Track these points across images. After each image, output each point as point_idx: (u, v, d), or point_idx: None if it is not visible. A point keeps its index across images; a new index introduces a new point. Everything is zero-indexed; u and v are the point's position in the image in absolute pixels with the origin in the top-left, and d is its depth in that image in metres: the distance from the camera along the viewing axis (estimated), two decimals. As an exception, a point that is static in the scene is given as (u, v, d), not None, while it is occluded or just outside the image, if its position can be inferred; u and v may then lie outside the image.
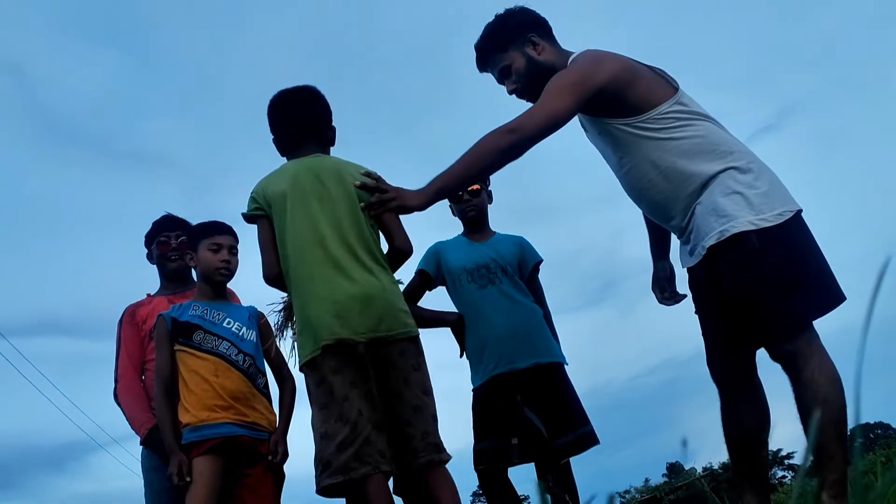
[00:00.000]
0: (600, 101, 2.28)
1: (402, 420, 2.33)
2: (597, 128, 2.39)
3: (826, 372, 2.06)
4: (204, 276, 2.93)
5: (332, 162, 2.61)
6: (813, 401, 2.02)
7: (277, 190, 2.51)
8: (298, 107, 2.69)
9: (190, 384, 2.74)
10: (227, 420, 2.69)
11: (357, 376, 2.30)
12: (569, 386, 3.16)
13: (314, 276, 2.40)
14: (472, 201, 3.35)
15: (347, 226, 2.46)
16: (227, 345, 2.80)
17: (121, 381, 3.09)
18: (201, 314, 2.85)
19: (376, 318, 2.35)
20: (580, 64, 2.34)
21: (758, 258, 2.13)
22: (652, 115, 2.27)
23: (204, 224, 2.98)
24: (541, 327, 3.21)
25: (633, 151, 2.31)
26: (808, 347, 2.08)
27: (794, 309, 2.12)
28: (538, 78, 2.41)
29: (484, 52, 2.56)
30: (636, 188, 2.38)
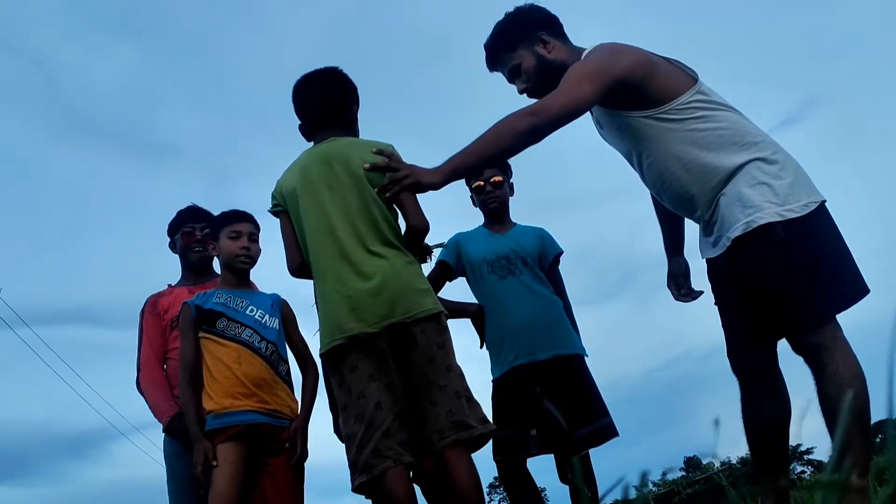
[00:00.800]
0: (620, 93, 2.25)
1: (429, 401, 2.30)
2: (616, 122, 2.35)
3: (850, 365, 2.04)
4: (226, 264, 2.96)
5: (342, 145, 2.55)
6: (837, 394, 2.01)
7: (289, 185, 2.53)
8: (317, 90, 2.65)
9: (213, 371, 2.77)
10: (249, 408, 2.72)
11: (376, 368, 2.30)
12: (589, 378, 3.16)
13: (326, 272, 2.41)
14: (495, 192, 3.35)
15: (356, 212, 2.42)
16: (249, 332, 2.83)
17: (143, 370, 3.12)
18: (225, 301, 2.87)
19: (390, 303, 2.32)
20: (599, 54, 2.30)
21: (783, 249, 2.11)
22: (673, 105, 2.24)
23: (224, 213, 3.01)
24: (561, 319, 3.21)
25: (655, 144, 2.28)
26: (832, 340, 2.06)
27: (818, 301, 2.11)
28: (549, 77, 2.38)
29: (493, 51, 2.53)
30: (659, 182, 2.34)
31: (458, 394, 2.32)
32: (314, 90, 2.65)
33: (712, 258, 2.34)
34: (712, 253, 2.33)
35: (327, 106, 2.64)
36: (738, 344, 2.31)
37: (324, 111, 2.63)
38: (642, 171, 2.40)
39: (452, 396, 2.31)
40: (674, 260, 2.68)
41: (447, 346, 2.38)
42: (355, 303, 2.32)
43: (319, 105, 2.64)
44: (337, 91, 2.66)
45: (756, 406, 2.28)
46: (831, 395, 2.03)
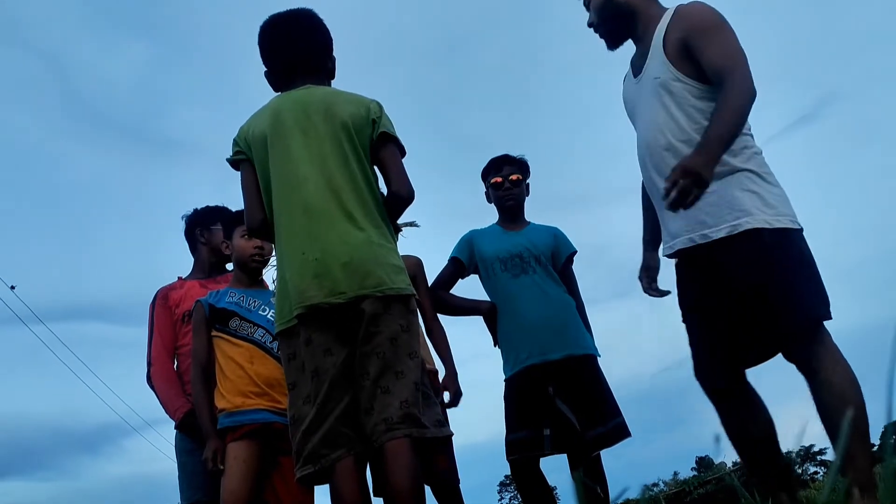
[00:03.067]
0: (694, 61, 2.25)
1: (382, 386, 2.02)
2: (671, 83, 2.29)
3: (842, 372, 2.05)
4: (239, 264, 2.96)
5: (322, 93, 2.27)
6: (831, 400, 2.03)
7: (258, 130, 2.23)
8: (291, 34, 2.34)
9: (226, 370, 2.77)
10: (261, 406, 2.72)
11: (334, 342, 2.05)
12: (601, 378, 3.14)
13: (292, 228, 2.13)
14: (513, 190, 3.33)
15: (335, 166, 2.15)
16: (262, 332, 2.83)
17: (154, 365, 3.09)
18: (237, 301, 2.87)
19: (361, 273, 2.05)
20: (726, 29, 2.25)
21: (772, 252, 2.13)
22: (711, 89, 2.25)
23: (237, 212, 2.99)
24: (574, 319, 3.19)
25: (681, 113, 2.27)
26: (822, 346, 2.08)
27: (806, 304, 2.11)
28: (612, 20, 2.44)
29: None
30: (659, 142, 2.31)
31: (417, 385, 2.06)
32: (290, 32, 2.34)
33: (681, 256, 2.33)
34: (671, 247, 2.32)
35: (304, 54, 2.34)
36: (711, 359, 2.29)
37: (300, 60, 2.34)
38: (651, 128, 2.35)
39: (411, 386, 2.04)
40: (650, 254, 2.67)
41: (413, 330, 2.12)
42: (322, 267, 2.05)
43: (295, 52, 2.34)
44: (314, 38, 2.37)
45: (739, 422, 2.28)
46: (826, 402, 2.04)
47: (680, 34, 2.28)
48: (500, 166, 3.38)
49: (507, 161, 3.39)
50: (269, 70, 2.39)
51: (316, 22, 2.38)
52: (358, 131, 2.20)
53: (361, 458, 2.06)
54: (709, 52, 2.19)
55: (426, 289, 3.21)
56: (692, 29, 2.25)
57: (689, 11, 2.31)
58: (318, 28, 2.39)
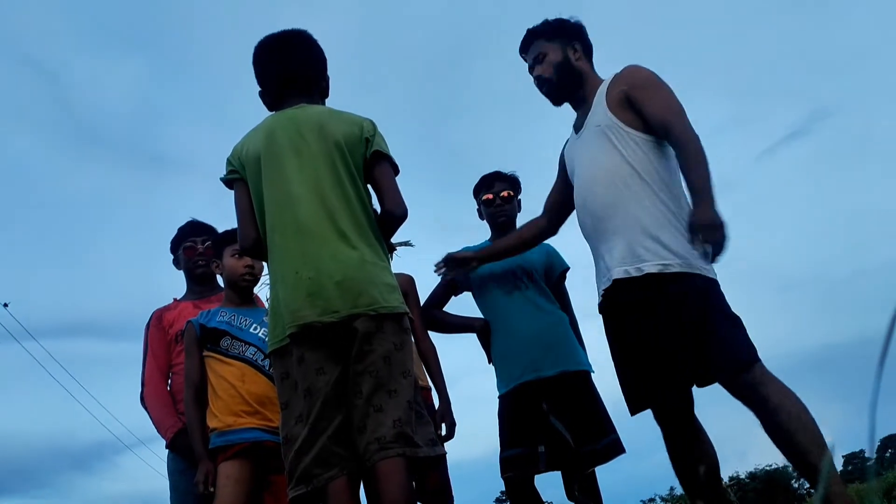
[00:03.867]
0: (635, 112, 2.49)
1: (375, 404, 2.01)
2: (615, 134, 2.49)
3: (789, 395, 2.17)
4: (230, 283, 2.96)
5: (316, 111, 2.27)
6: (789, 422, 2.13)
7: (252, 150, 2.24)
8: (285, 52, 2.36)
9: (218, 390, 2.77)
10: (252, 425, 2.71)
11: (327, 361, 2.05)
12: (595, 395, 3.13)
13: (286, 247, 2.13)
14: (504, 207, 3.34)
15: (328, 186, 2.15)
16: (253, 350, 2.82)
17: (147, 386, 3.12)
18: (228, 320, 2.87)
19: (354, 292, 2.05)
20: (669, 90, 2.49)
21: (708, 295, 2.30)
22: (654, 138, 2.47)
23: (227, 231, 3.00)
24: (567, 335, 3.18)
25: (621, 151, 2.46)
26: (764, 375, 2.20)
27: (747, 342, 2.27)
28: (565, 77, 2.68)
29: (534, 34, 2.74)
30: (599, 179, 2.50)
31: (410, 404, 2.06)
32: (284, 50, 2.36)
33: (611, 291, 2.45)
34: (608, 280, 2.45)
35: (299, 75, 2.35)
36: (659, 387, 2.38)
37: (295, 81, 2.34)
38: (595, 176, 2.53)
39: (404, 405, 2.03)
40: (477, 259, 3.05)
41: (406, 348, 2.12)
42: (315, 286, 2.05)
43: (288, 72, 2.35)
44: (308, 57, 2.39)
45: (688, 453, 2.42)
46: (784, 426, 2.14)
47: (622, 88, 2.52)
48: (491, 183, 3.38)
49: (498, 178, 3.40)
50: (263, 89, 2.40)
51: (309, 41, 2.40)
52: (351, 150, 2.21)
53: (354, 478, 2.05)
54: (652, 106, 2.44)
55: (418, 307, 3.20)
56: (633, 85, 2.50)
57: (629, 72, 2.57)
58: (312, 47, 2.40)
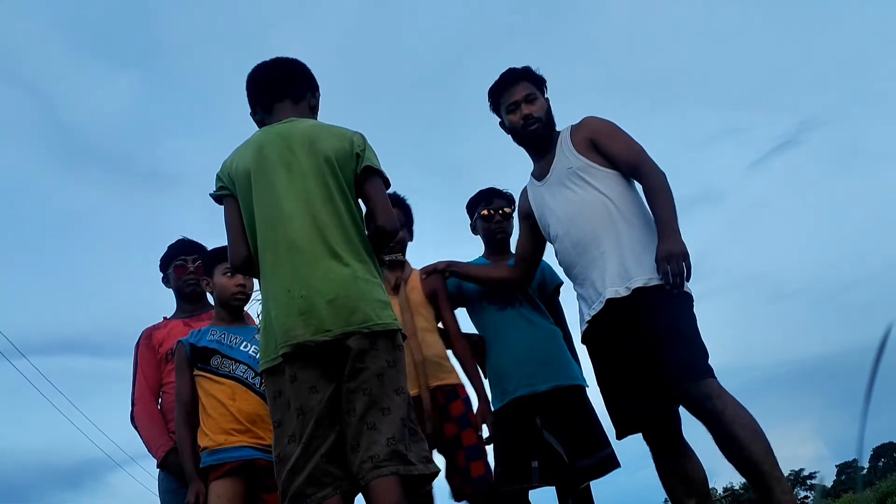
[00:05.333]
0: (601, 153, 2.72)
1: (368, 422, 2.00)
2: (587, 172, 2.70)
3: (740, 407, 2.27)
4: (221, 301, 2.95)
5: (305, 126, 2.27)
6: (743, 433, 2.21)
7: (241, 166, 2.22)
8: (276, 73, 2.39)
9: (208, 408, 2.76)
10: (244, 444, 2.70)
11: (319, 379, 2.04)
12: (589, 409, 3.12)
13: (277, 265, 2.11)
14: (503, 224, 3.35)
15: (319, 202, 2.14)
16: (243, 368, 2.82)
17: (138, 405, 3.12)
18: (218, 339, 2.86)
19: (347, 310, 2.04)
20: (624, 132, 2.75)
21: (673, 306, 2.43)
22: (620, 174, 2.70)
23: (218, 249, 2.97)
24: (561, 349, 3.17)
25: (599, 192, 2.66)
26: (718, 389, 2.30)
27: (703, 355, 2.38)
28: (548, 120, 2.86)
29: (522, 75, 2.89)
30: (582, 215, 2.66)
31: (404, 421, 2.04)
32: (271, 70, 2.40)
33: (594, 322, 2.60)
34: (594, 309, 2.59)
35: (286, 85, 2.37)
36: (645, 405, 2.47)
37: (281, 90, 2.36)
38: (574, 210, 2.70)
39: (397, 423, 2.02)
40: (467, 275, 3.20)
41: (399, 365, 2.11)
42: (307, 305, 2.04)
43: (278, 82, 2.38)
44: (297, 73, 2.42)
45: (679, 468, 2.50)
46: (739, 437, 2.22)
47: (586, 135, 2.75)
48: (490, 198, 3.39)
49: (496, 194, 3.41)
50: (254, 107, 2.41)
51: (298, 62, 2.43)
52: (342, 166, 2.20)
53: (348, 497, 2.05)
54: (616, 148, 2.69)
55: (448, 304, 3.20)
56: (596, 131, 2.74)
57: (589, 121, 2.81)
58: (301, 67, 2.43)
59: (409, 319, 3.00)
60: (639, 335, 2.45)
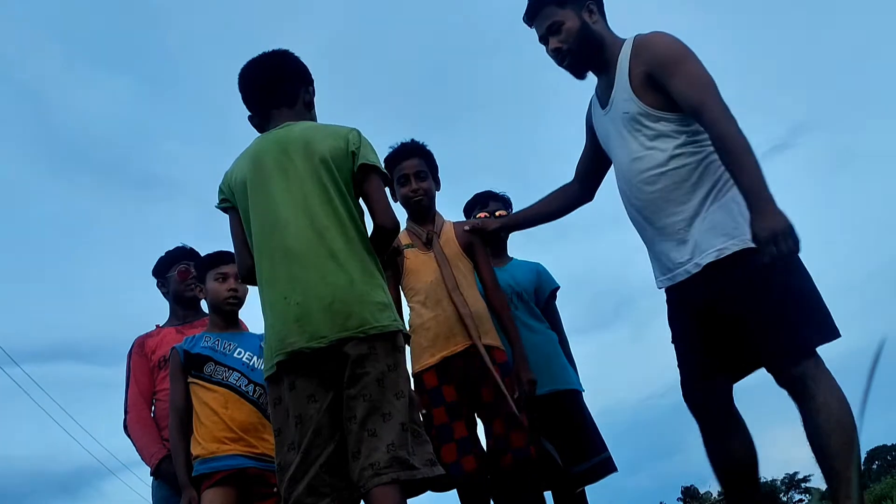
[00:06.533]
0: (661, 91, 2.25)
1: (369, 429, 1.97)
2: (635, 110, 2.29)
3: (836, 395, 2.02)
4: (214, 307, 2.94)
5: (301, 129, 2.24)
6: (828, 425, 1.99)
7: (239, 176, 2.23)
8: (266, 71, 2.36)
9: (201, 416, 2.75)
10: (236, 452, 2.69)
11: (318, 387, 2.02)
12: (585, 413, 3.11)
13: (274, 273, 2.11)
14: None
15: (317, 204, 2.12)
16: (237, 375, 2.81)
17: (131, 413, 3.12)
18: (212, 345, 2.85)
19: (344, 315, 2.02)
20: (698, 62, 2.24)
21: (762, 275, 2.08)
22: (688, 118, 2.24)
23: (209, 255, 2.99)
24: (557, 354, 3.15)
25: (654, 144, 2.27)
26: (817, 370, 2.04)
27: (800, 330, 2.08)
28: (585, 44, 2.38)
29: (541, 1, 2.43)
30: (636, 177, 2.30)
31: (405, 426, 2.00)
32: (261, 72, 2.36)
33: (674, 288, 2.31)
34: (671, 279, 2.29)
35: (278, 86, 2.34)
36: (698, 380, 2.27)
37: (274, 92, 2.34)
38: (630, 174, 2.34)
39: (397, 428, 1.98)
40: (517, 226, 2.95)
41: (400, 369, 2.07)
42: (304, 311, 2.03)
43: (269, 85, 2.34)
44: (287, 71, 2.37)
45: (725, 446, 2.24)
46: (821, 427, 2.01)
47: (644, 67, 2.27)
48: (486, 201, 3.39)
49: (492, 197, 3.40)
50: (250, 110, 2.40)
51: (287, 56, 2.39)
52: (339, 165, 2.18)
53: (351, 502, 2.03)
54: (677, 85, 2.20)
55: (486, 256, 3.00)
56: (655, 62, 2.26)
57: (651, 44, 2.31)
58: (291, 61, 2.39)
59: (448, 273, 2.80)
60: (719, 312, 2.19)
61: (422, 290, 2.81)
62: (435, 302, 2.77)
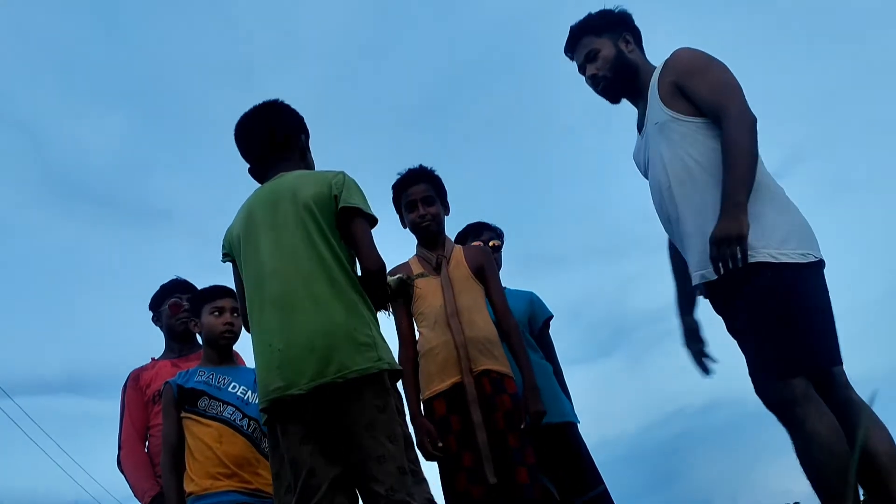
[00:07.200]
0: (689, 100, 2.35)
1: (368, 475, 2.00)
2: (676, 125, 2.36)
3: (826, 422, 1.99)
4: (209, 341, 2.93)
5: (291, 178, 2.30)
6: (819, 453, 1.97)
7: (235, 232, 2.32)
8: (258, 125, 2.42)
9: (195, 452, 2.72)
10: (230, 488, 2.67)
11: (307, 431, 2.05)
12: (581, 446, 3.08)
13: (262, 323, 2.16)
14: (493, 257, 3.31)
15: (302, 251, 2.16)
16: (231, 409, 2.79)
17: (124, 449, 3.10)
18: (206, 380, 2.84)
19: (323, 360, 2.03)
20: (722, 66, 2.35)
21: (767, 295, 2.11)
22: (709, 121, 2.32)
23: (204, 289, 2.99)
24: (551, 386, 3.11)
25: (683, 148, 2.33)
26: (804, 396, 2.02)
27: (788, 353, 2.07)
28: (621, 71, 2.53)
29: (580, 31, 2.60)
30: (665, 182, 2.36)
31: (402, 468, 2.02)
32: (254, 126, 2.43)
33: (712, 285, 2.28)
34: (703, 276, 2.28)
35: (271, 140, 2.39)
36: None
37: (268, 146, 2.40)
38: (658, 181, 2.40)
39: (395, 472, 2.00)
40: (687, 318, 2.58)
41: (389, 410, 2.06)
42: (284, 357, 2.05)
43: (263, 141, 2.40)
44: (279, 122, 2.43)
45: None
46: (814, 456, 1.98)
47: (671, 78, 2.39)
48: (479, 231, 3.40)
49: (485, 227, 3.42)
50: (247, 163, 2.47)
51: (279, 106, 2.45)
52: (321, 209, 2.21)
53: None
54: (701, 92, 2.31)
55: (496, 279, 3.00)
56: (681, 72, 2.37)
57: (676, 58, 2.43)
58: (283, 111, 2.45)
59: (450, 298, 2.83)
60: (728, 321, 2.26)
61: (430, 315, 2.83)
62: (442, 327, 2.78)
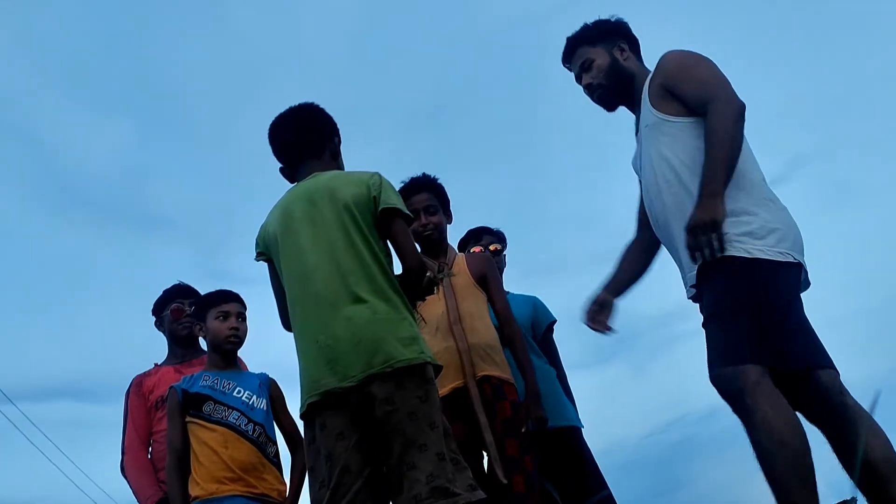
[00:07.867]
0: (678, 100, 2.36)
1: (407, 463, 2.03)
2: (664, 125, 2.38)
3: (781, 412, 1.94)
4: (214, 346, 2.93)
5: (326, 178, 2.36)
6: (769, 443, 1.91)
7: (271, 229, 2.36)
8: (293, 125, 2.49)
9: (200, 456, 2.72)
10: (236, 493, 2.67)
11: (347, 425, 2.09)
12: (585, 451, 3.08)
13: (306, 319, 2.21)
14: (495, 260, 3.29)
15: (341, 250, 2.21)
16: (236, 414, 2.79)
17: (127, 454, 3.10)
18: (211, 384, 2.84)
19: (369, 352, 2.09)
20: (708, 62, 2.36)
21: (730, 283, 2.12)
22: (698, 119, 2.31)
23: (210, 294, 3.00)
24: (555, 390, 3.11)
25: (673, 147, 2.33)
26: (755, 385, 1.97)
27: (741, 341, 2.05)
28: (616, 79, 2.55)
29: (575, 42, 2.63)
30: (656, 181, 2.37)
31: (442, 455, 2.05)
32: (290, 126, 2.50)
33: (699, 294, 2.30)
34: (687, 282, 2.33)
35: (305, 140, 2.47)
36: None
37: (302, 146, 2.47)
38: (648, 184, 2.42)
39: (434, 458, 2.03)
40: (606, 294, 2.62)
41: (431, 399, 2.12)
42: (333, 353, 2.11)
43: (297, 140, 2.48)
44: (314, 124, 2.51)
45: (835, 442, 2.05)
46: (763, 445, 1.93)
47: (659, 80, 2.41)
48: (479, 236, 3.40)
49: (486, 231, 3.42)
50: (280, 162, 2.51)
51: (313, 109, 2.52)
52: (361, 211, 2.26)
53: None
54: (689, 88, 2.32)
55: (499, 286, 3.01)
56: (668, 72, 2.40)
57: (664, 60, 2.46)
58: (317, 113, 2.52)
59: (453, 306, 2.85)
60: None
61: (432, 322, 2.84)
62: (444, 334, 2.79)
